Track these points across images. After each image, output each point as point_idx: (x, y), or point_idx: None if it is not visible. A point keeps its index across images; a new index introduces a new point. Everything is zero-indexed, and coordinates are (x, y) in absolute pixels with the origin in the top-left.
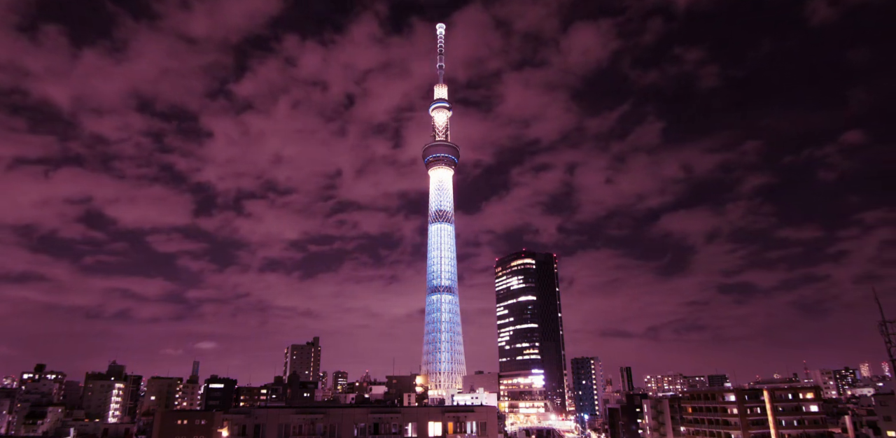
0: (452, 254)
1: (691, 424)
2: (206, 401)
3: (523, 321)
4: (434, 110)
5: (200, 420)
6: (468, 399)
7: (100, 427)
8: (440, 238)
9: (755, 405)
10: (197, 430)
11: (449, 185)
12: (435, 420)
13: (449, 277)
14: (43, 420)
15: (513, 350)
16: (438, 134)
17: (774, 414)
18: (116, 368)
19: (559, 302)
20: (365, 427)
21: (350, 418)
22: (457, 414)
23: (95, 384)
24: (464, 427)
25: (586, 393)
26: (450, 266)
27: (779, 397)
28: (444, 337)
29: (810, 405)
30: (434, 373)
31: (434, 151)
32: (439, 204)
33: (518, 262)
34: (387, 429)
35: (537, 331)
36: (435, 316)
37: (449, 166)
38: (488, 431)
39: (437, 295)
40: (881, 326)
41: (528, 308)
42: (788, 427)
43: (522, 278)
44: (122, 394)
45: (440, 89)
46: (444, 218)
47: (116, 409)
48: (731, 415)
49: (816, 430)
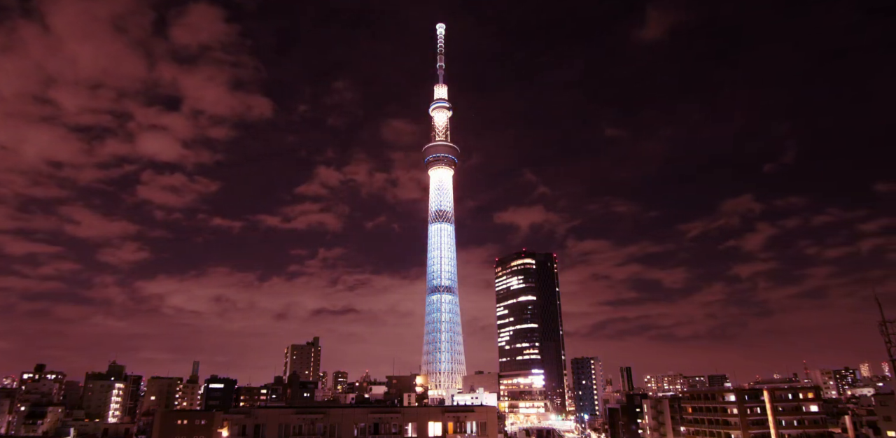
0: (452, 254)
1: (691, 424)
2: (206, 401)
3: (523, 321)
4: (434, 110)
5: (200, 420)
6: (468, 399)
7: (100, 427)
8: (440, 238)
9: (755, 405)
10: (197, 430)
11: (449, 185)
12: (435, 420)
13: (449, 277)
14: (43, 420)
15: (513, 350)
16: (438, 134)
17: (774, 414)
18: (116, 368)
19: (559, 302)
20: (365, 427)
21: (350, 418)
22: (457, 414)
23: (95, 384)
24: (464, 427)
25: (586, 393)
26: (450, 266)
27: (779, 397)
28: (444, 337)
29: (810, 405)
30: (434, 373)
31: (434, 151)
32: (439, 204)
33: (518, 262)
34: (387, 429)
35: (537, 331)
36: (435, 316)
37: (449, 166)
38: (488, 431)
39: (437, 295)
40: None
41: (528, 308)
42: (788, 427)
43: (522, 278)
44: (122, 394)
45: (440, 89)
46: (444, 218)
47: (116, 409)
48: (731, 415)
49: (816, 430)
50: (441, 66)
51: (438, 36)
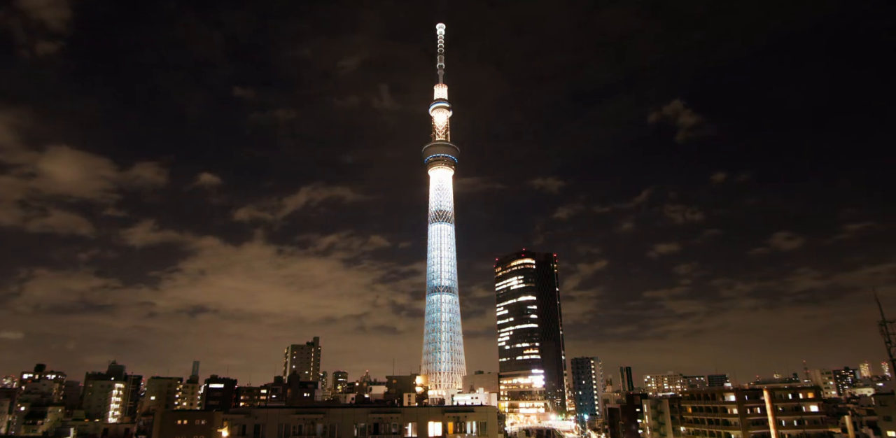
0: (452, 254)
1: (691, 424)
2: (206, 401)
3: (523, 321)
4: (434, 110)
5: (200, 420)
6: (468, 399)
7: (100, 427)
8: (440, 238)
9: (755, 405)
10: (197, 430)
11: (449, 185)
12: (435, 420)
13: (449, 277)
14: (43, 420)
15: (513, 350)
16: (438, 134)
17: (774, 414)
18: (116, 368)
19: (559, 302)
20: (365, 427)
21: (350, 418)
22: (457, 414)
23: (95, 384)
24: (464, 427)
25: (586, 393)
26: (450, 266)
27: (779, 397)
28: (444, 337)
29: (810, 405)
30: (434, 373)
31: (434, 151)
32: (439, 204)
33: (518, 262)
34: (387, 429)
35: (537, 331)
36: (435, 316)
37: (449, 166)
38: (488, 431)
39: (437, 295)
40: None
41: (528, 308)
42: (788, 427)
43: (522, 278)
44: (122, 394)
45: (440, 89)
46: (444, 218)
47: (116, 409)
48: (731, 415)
49: (816, 430)
50: (441, 66)
51: (439, 36)
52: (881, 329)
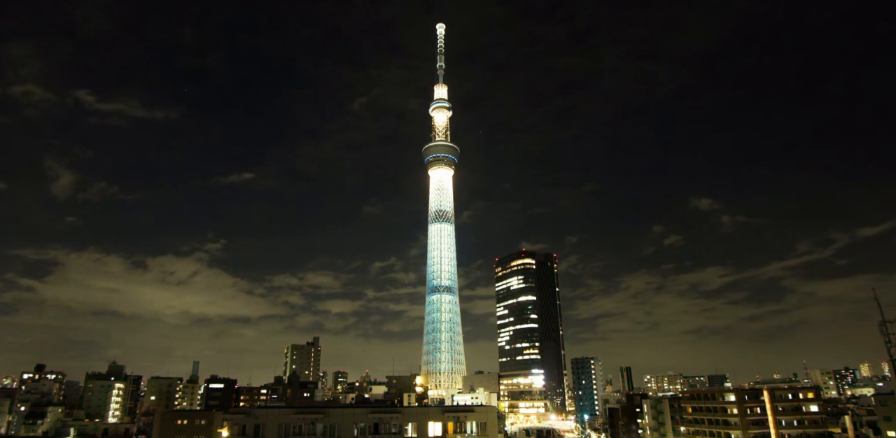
0: (452, 254)
1: (691, 424)
2: (206, 401)
3: (523, 321)
4: (434, 110)
5: (200, 420)
6: (468, 399)
7: (100, 427)
8: (440, 238)
9: (755, 405)
10: (197, 430)
11: (449, 185)
12: (435, 420)
13: (449, 277)
14: (43, 420)
15: (513, 350)
16: (438, 134)
17: (774, 414)
18: (116, 368)
19: (559, 302)
20: (365, 427)
21: (350, 418)
22: (457, 414)
23: (95, 384)
24: (464, 427)
25: (586, 393)
26: (450, 266)
27: (779, 397)
28: (444, 337)
29: (810, 405)
30: (434, 373)
31: (434, 151)
32: (439, 204)
33: (518, 262)
34: (387, 429)
35: (537, 331)
36: (435, 316)
37: (449, 166)
38: (488, 431)
39: (437, 295)
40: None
41: (528, 308)
42: (788, 427)
43: (522, 278)
44: (122, 394)
45: (440, 89)
46: (444, 217)
47: (116, 409)
48: (731, 415)
49: (816, 430)
50: (441, 66)
51: (439, 36)
52: (881, 329)
